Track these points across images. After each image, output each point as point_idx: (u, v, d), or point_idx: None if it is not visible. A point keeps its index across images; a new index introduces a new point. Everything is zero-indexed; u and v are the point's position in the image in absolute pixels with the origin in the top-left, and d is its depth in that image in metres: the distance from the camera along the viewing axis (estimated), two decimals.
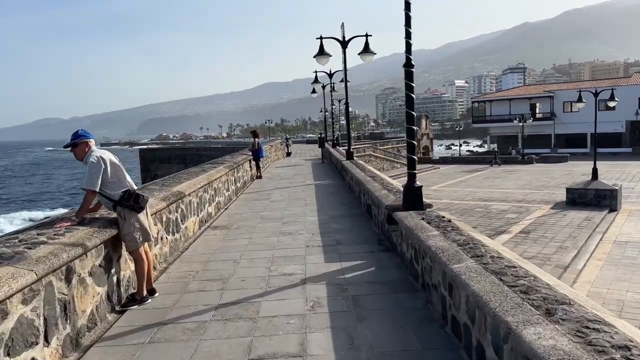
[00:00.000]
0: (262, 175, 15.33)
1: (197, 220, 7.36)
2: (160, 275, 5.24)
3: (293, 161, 24.26)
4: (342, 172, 13.26)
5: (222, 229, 7.48)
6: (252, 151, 14.64)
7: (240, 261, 5.52)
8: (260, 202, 10.08)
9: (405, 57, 5.30)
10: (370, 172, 9.28)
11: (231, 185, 10.72)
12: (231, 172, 10.77)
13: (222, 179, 9.66)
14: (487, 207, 20.95)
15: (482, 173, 36.43)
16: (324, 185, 12.60)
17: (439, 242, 3.73)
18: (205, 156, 43.19)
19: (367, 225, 7.22)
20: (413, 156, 5.43)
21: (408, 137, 5.39)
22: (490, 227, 17.12)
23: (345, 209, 8.77)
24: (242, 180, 12.47)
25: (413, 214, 4.86)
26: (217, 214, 8.79)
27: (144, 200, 4.27)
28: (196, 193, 7.39)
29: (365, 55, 12.43)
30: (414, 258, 4.50)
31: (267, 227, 7.37)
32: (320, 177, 14.96)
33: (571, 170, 35.90)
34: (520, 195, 24.17)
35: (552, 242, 14.78)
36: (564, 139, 57.43)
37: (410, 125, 5.39)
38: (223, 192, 9.67)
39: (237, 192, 11.52)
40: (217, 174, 8.93)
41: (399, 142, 46.82)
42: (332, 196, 10.44)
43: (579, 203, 20.27)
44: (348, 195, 10.40)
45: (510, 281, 2.76)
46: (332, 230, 6.90)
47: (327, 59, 12.61)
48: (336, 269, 5.04)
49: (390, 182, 7.60)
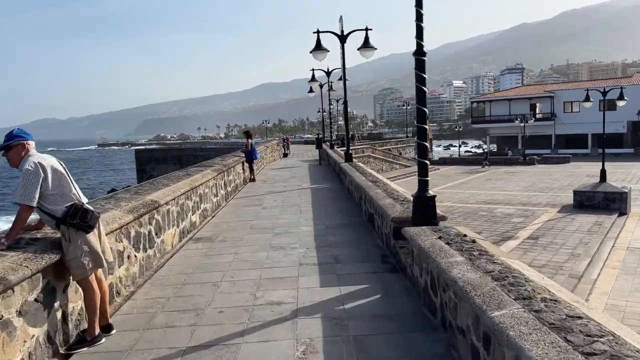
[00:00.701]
0: (256, 178, 14.48)
1: (177, 232, 6.50)
2: (124, 302, 4.39)
3: (290, 162, 23.41)
4: (341, 175, 12.43)
5: (206, 242, 6.62)
6: (245, 153, 13.79)
7: (221, 284, 4.67)
8: (251, 209, 9.23)
9: (416, 44, 4.47)
10: (371, 177, 8.44)
11: (220, 190, 9.87)
12: (220, 176, 9.92)
13: (210, 183, 8.81)
14: (491, 210, 20.15)
15: (484, 174, 35.66)
16: (321, 189, 11.76)
17: (467, 272, 2.89)
18: (202, 157, 42.36)
19: (369, 237, 6.39)
20: (425, 160, 4.60)
21: (419, 138, 4.56)
22: (496, 232, 16.32)
23: (344, 217, 7.93)
24: (233, 184, 11.62)
25: (427, 231, 4.02)
26: (203, 223, 7.93)
27: (94, 217, 3.42)
28: (176, 201, 6.54)
29: (365, 50, 11.61)
30: (430, 286, 3.66)
31: (256, 240, 6.52)
32: (317, 180, 14.12)
33: (574, 171, 35.16)
34: (524, 197, 23.40)
35: (563, 249, 13.99)
36: (564, 140, 56.81)
37: (421, 125, 4.55)
38: (210, 198, 8.83)
39: (228, 197, 10.67)
40: (202, 178, 8.07)
41: (398, 142, 46.03)
42: (329, 202, 9.60)
43: (587, 206, 19.50)
44: (347, 201, 9.56)
45: (581, 343, 1.94)
46: (330, 244, 6.06)
47: (324, 54, 11.78)
48: (334, 295, 4.20)
49: (395, 189, 6.76)
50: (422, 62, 4.49)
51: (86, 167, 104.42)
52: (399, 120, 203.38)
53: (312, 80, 18.82)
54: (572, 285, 11.20)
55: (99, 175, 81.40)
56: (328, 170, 17.04)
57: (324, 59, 11.93)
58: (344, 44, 11.74)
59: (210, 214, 8.68)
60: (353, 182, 9.12)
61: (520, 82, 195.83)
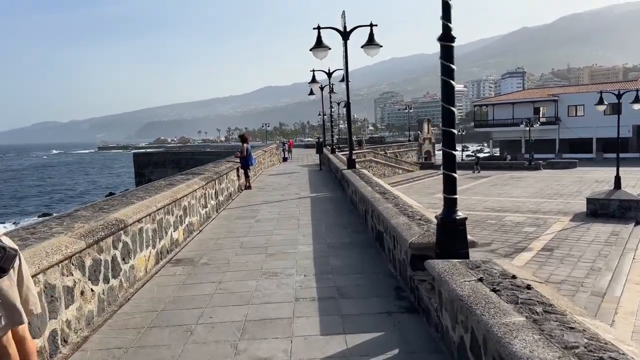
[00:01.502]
0: (252, 185, 13.53)
1: (152, 254, 5.55)
2: (72, 353, 3.44)
3: (289, 168, 22.47)
4: (343, 182, 11.47)
5: (187, 265, 5.66)
6: (240, 158, 12.84)
7: (196, 328, 3.71)
8: (244, 222, 8.26)
9: (443, 27, 3.54)
10: (378, 187, 7.48)
11: (210, 200, 8.92)
12: (211, 185, 8.97)
13: (197, 193, 7.86)
14: (501, 218, 19.18)
15: (489, 180, 34.70)
16: (322, 198, 10.80)
17: (537, 348, 1.94)
18: (200, 160, 41.43)
19: (378, 261, 5.43)
20: (453, 174, 3.65)
21: (446, 145, 3.60)
22: (507, 243, 15.35)
23: (347, 233, 6.97)
24: (226, 192, 10.67)
25: (460, 268, 3.07)
26: (188, 240, 6.98)
27: (8, 257, 2.47)
28: (152, 217, 5.59)
29: (369, 48, 10.69)
30: (470, 348, 2.70)
31: (245, 263, 5.56)
32: (317, 187, 13.16)
33: (582, 177, 34.17)
34: (533, 205, 22.43)
35: (581, 262, 13.02)
36: (568, 144, 55.95)
37: (449, 128, 3.60)
38: (198, 210, 7.88)
39: (219, 207, 9.72)
40: (187, 188, 7.12)
41: (400, 146, 45.05)
42: (331, 214, 8.64)
43: (601, 215, 18.55)
44: (351, 213, 8.60)
45: None
46: (332, 270, 5.10)
47: (325, 52, 10.94)
48: (338, 349, 3.24)
49: (407, 203, 5.80)
50: (449, 49, 3.55)
51: (84, 170, 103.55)
52: (399, 124, 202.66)
53: (313, 82, 17.92)
54: (597, 304, 10.26)
55: (97, 179, 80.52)
56: (329, 177, 16.09)
57: (324, 57, 11.02)
58: (346, 41, 10.81)
59: (198, 228, 7.73)
60: (357, 192, 8.18)
61: (522, 86, 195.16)
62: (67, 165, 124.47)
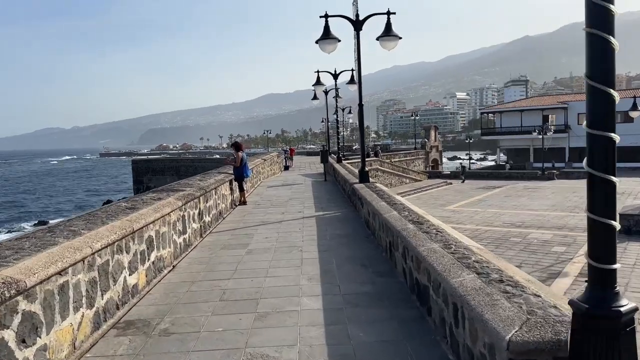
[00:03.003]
0: (248, 200, 11.72)
1: (87, 318, 3.75)
2: None
3: (291, 178, 20.66)
4: (354, 199, 9.67)
5: (138, 334, 3.85)
6: (234, 169, 11.08)
7: None
8: (232, 254, 6.46)
9: None
10: (407, 211, 5.67)
11: (192, 223, 7.13)
12: (193, 204, 7.19)
13: (171, 218, 6.07)
14: (525, 236, 17.29)
15: (501, 190, 32.83)
16: (330, 218, 8.99)
17: None
18: (200, 168, 39.73)
19: (421, 329, 3.62)
20: (611, 222, 1.87)
21: (600, 165, 1.82)
22: (538, 265, 13.48)
23: (368, 276, 5.16)
24: (214, 211, 8.88)
25: None
26: (154, 282, 5.18)
27: None
28: (87, 263, 3.80)
29: (386, 40, 8.95)
30: None
31: (222, 334, 3.73)
32: (323, 203, 11.33)
33: None
34: (555, 219, 20.56)
35: (630, 292, 11.15)
36: (578, 153, 54.23)
37: (605, 132, 1.82)
38: (172, 239, 6.08)
39: (204, 230, 7.92)
40: (154, 213, 5.33)
41: (407, 154, 43.17)
42: (343, 243, 6.81)
43: (635, 232, 16.69)
44: (367, 242, 6.79)
45: None
46: (355, 351, 3.30)
47: (334, 44, 9.09)
48: None
49: (462, 242, 3.99)
50: None
51: (82, 177, 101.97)
52: (402, 131, 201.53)
53: (317, 84, 16.20)
54: None
55: (95, 187, 78.88)
56: (336, 190, 14.25)
57: (333, 50, 9.27)
58: (359, 32, 9.03)
59: (171, 263, 5.93)
60: (377, 215, 6.38)
61: (525, 94, 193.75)
62: (65, 172, 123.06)
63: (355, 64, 9.38)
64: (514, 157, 60.11)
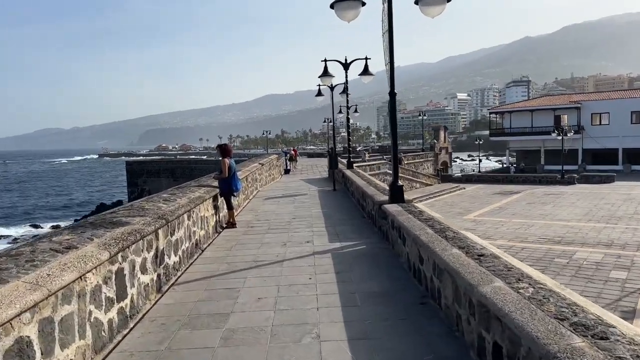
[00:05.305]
0: (237, 221, 8.98)
1: None
2: None
3: (292, 185, 17.92)
4: (383, 224, 6.97)
5: None
6: (219, 180, 8.36)
7: None
8: (199, 341, 3.76)
9: None
10: (493, 257, 2.99)
11: (137, 277, 4.46)
12: (137, 247, 4.51)
13: (87, 283, 3.41)
14: (570, 256, 14.57)
15: (520, 196, 30.13)
16: (353, 257, 6.28)
17: None
18: (197, 169, 36.80)
19: None
20: None
21: None
22: (601, 297, 10.76)
23: None
24: (186, 244, 6.20)
25: None
26: None
27: None
28: None
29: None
30: None
31: None
32: (338, 227, 8.57)
33: (630, 193, 29.58)
34: (593, 232, 17.85)
35: None
36: (591, 155, 51.69)
37: None
38: (89, 319, 3.42)
39: (166, 279, 5.24)
40: (63, 274, 2.67)
41: (415, 157, 40.44)
42: (385, 318, 4.11)
43: None
44: (430, 318, 4.10)
45: None
46: None
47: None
48: None
49: None
50: None
51: (77, 179, 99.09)
52: (403, 132, 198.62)
53: (324, 75, 13.60)
54: None
55: (88, 190, 76.08)
56: (350, 204, 11.48)
57: (353, 18, 6.76)
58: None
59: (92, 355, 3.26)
60: (456, 278, 3.70)
61: (527, 95, 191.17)
62: (61, 172, 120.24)
63: (383, 38, 6.72)
64: (523, 159, 57.49)
